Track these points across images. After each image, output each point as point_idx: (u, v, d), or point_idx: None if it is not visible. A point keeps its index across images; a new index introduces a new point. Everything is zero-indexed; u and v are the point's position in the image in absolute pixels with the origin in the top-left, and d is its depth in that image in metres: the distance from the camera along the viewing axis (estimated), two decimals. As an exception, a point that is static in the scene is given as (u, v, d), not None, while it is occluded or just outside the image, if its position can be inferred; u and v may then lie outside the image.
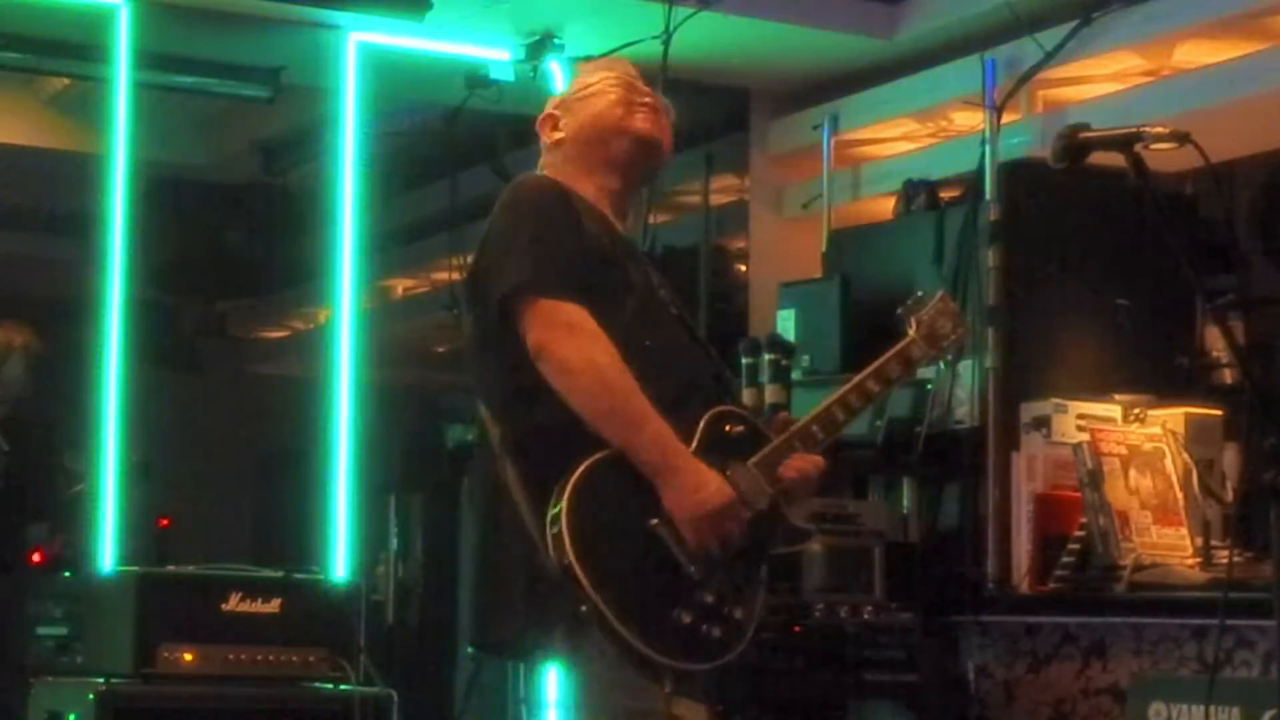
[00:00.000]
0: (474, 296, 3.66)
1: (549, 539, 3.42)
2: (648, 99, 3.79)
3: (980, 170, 6.13)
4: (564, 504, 3.41)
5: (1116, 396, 5.84)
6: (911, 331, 3.82)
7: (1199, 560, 5.38)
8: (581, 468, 3.44)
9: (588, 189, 3.72)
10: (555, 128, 3.82)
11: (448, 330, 7.38)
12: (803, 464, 3.62)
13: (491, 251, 3.61)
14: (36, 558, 6.81)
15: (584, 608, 3.38)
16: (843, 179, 7.03)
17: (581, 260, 3.56)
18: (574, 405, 3.45)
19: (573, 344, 3.46)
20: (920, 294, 3.90)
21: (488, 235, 3.65)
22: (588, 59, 6.46)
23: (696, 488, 3.45)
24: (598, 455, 3.45)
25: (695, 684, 3.53)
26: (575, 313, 3.48)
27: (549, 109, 3.87)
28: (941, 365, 3.94)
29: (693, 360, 3.71)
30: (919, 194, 6.40)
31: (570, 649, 3.51)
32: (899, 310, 3.86)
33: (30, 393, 7.06)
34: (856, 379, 3.73)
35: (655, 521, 3.46)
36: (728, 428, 3.60)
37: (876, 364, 3.76)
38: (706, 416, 3.58)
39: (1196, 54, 6.11)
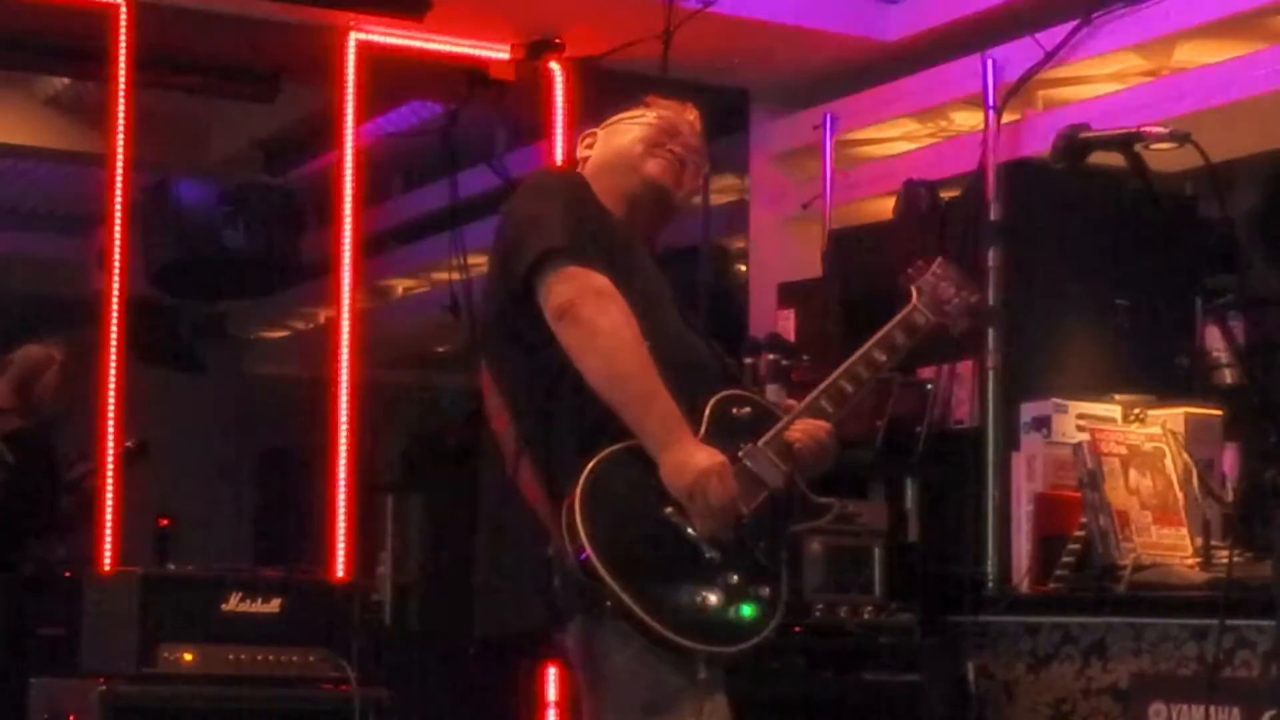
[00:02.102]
0: (496, 280, 3.65)
1: (565, 531, 3.42)
2: (676, 149, 3.79)
3: (980, 170, 6.13)
4: (578, 496, 3.41)
5: (1116, 396, 5.84)
6: (914, 299, 3.82)
7: (1199, 560, 5.37)
8: (595, 460, 3.44)
9: (602, 200, 3.75)
10: (590, 146, 3.88)
11: (448, 330, 7.38)
12: (809, 427, 3.62)
13: (518, 227, 3.60)
14: None
15: (609, 603, 3.38)
16: (843, 179, 7.03)
17: (602, 237, 3.58)
18: (586, 367, 3.44)
19: (600, 307, 3.46)
20: (920, 261, 3.89)
21: (509, 218, 3.65)
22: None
23: (683, 462, 3.45)
24: (612, 448, 3.46)
25: (719, 675, 3.53)
26: (606, 282, 3.49)
27: (600, 126, 3.91)
28: (953, 332, 3.88)
29: (698, 351, 3.72)
30: (919, 194, 6.40)
31: (587, 642, 3.51)
32: (900, 278, 3.85)
33: (60, 408, 7.08)
34: (862, 349, 3.73)
35: (670, 510, 3.46)
36: (735, 410, 3.61)
37: (881, 333, 3.76)
38: (712, 401, 3.58)
39: (1196, 54, 6.11)
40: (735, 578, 3.47)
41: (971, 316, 3.94)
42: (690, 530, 3.45)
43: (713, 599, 3.44)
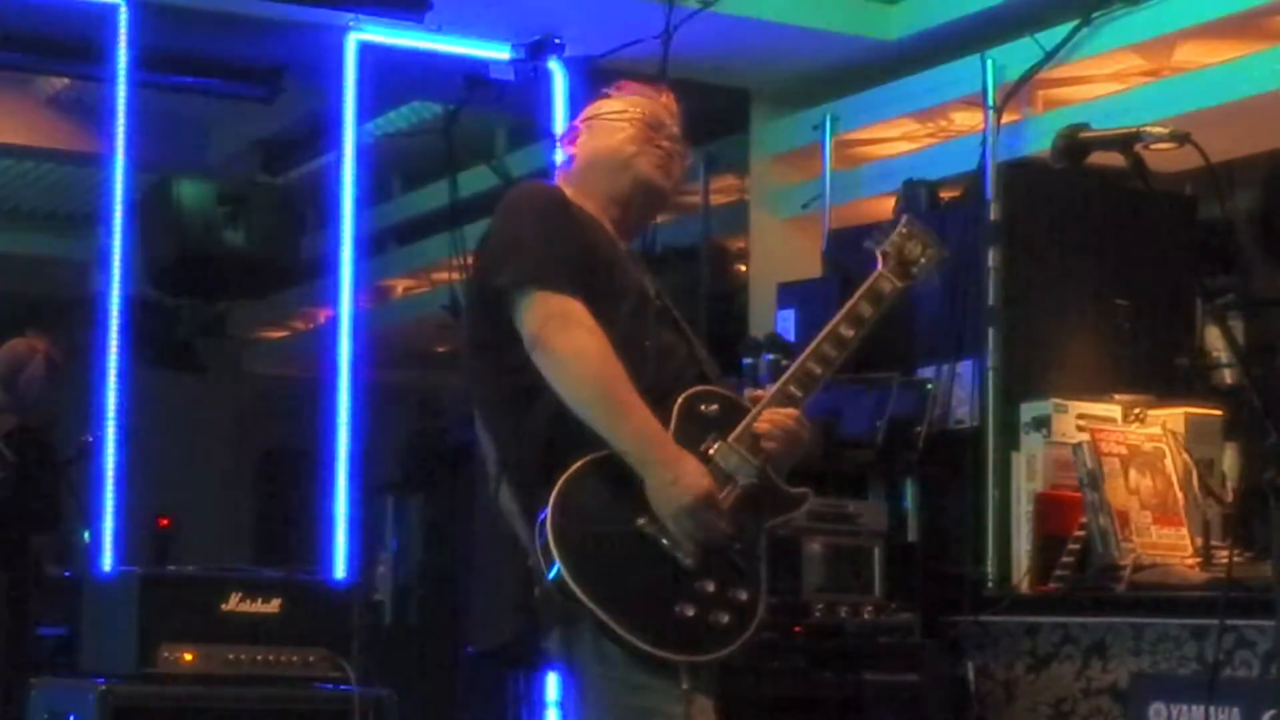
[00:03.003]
0: (473, 299, 3.67)
1: (539, 548, 3.42)
2: (665, 143, 3.79)
3: (980, 170, 6.13)
4: (550, 511, 3.41)
5: (1116, 396, 5.84)
6: (880, 264, 3.76)
7: (1199, 560, 5.38)
8: (565, 474, 3.44)
9: (590, 207, 3.74)
10: (573, 143, 3.85)
11: (448, 330, 7.38)
12: (776, 417, 3.60)
13: (492, 251, 3.63)
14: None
15: (585, 618, 3.37)
16: (843, 179, 7.03)
17: (579, 259, 3.57)
18: (564, 394, 3.47)
19: (568, 334, 3.48)
20: (884, 223, 3.82)
21: (487, 238, 3.68)
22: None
23: (673, 481, 3.45)
24: (579, 461, 3.45)
25: (707, 679, 3.53)
26: (573, 305, 3.50)
27: (577, 120, 3.89)
28: (918, 290, 3.76)
29: (682, 362, 3.71)
30: (919, 194, 6.40)
31: (567, 653, 3.50)
32: (865, 243, 3.79)
33: (48, 400, 7.07)
34: (828, 327, 3.67)
35: (643, 520, 3.45)
36: (703, 407, 3.60)
37: (846, 307, 3.70)
38: (680, 399, 3.57)
39: (1196, 54, 6.11)
40: (711, 585, 3.47)
41: (939, 272, 3.85)
42: (665, 540, 3.45)
43: (690, 608, 3.44)
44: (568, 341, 3.48)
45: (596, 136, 3.82)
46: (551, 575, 3.38)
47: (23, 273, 10.03)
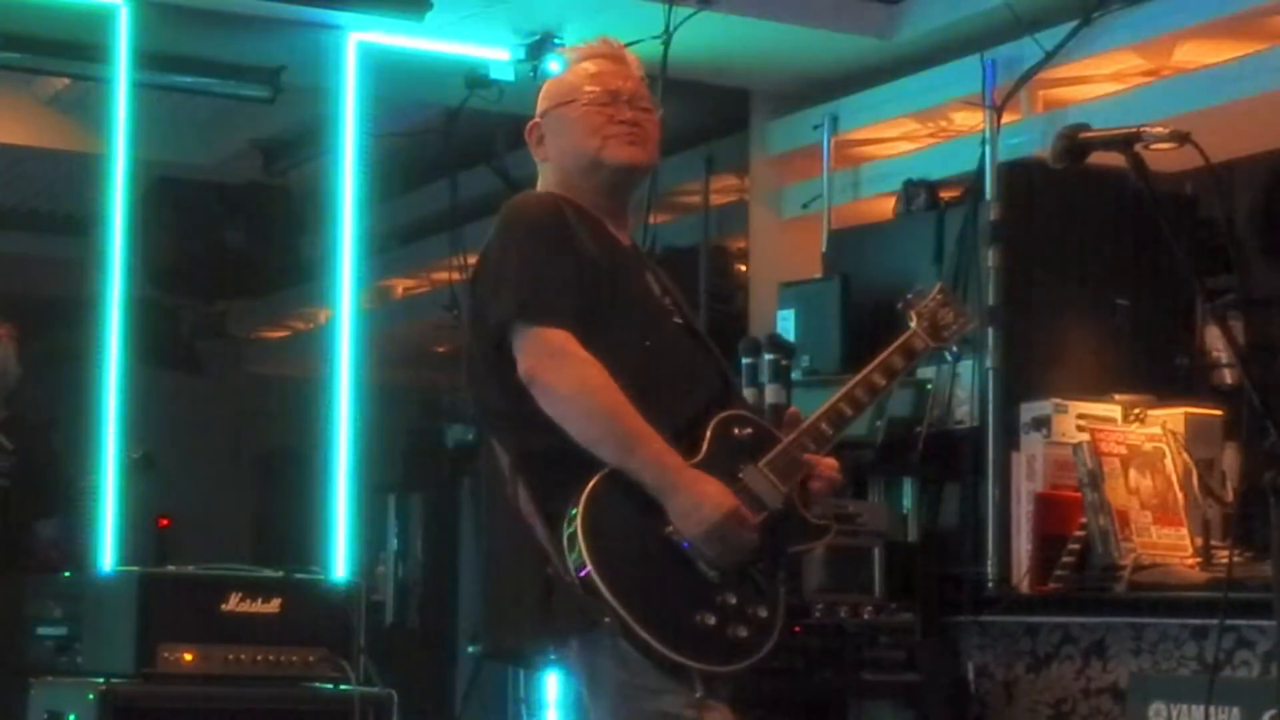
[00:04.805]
0: (473, 316, 3.64)
1: (565, 551, 3.41)
2: (628, 113, 3.70)
3: (980, 170, 6.13)
4: (579, 515, 3.40)
5: (1116, 396, 5.85)
6: (913, 324, 3.82)
7: (1199, 560, 5.38)
8: (594, 479, 3.42)
9: (582, 202, 3.70)
10: (540, 142, 3.78)
11: (448, 330, 7.38)
12: (828, 472, 3.63)
13: (487, 277, 3.60)
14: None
15: (608, 619, 3.37)
16: (843, 179, 7.04)
17: (576, 281, 3.53)
18: (568, 431, 3.44)
19: (561, 371, 3.45)
20: (919, 287, 3.91)
21: (484, 257, 3.63)
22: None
23: (696, 505, 3.43)
24: (609, 467, 3.45)
25: (722, 687, 3.52)
26: (563, 339, 3.47)
27: (537, 115, 3.82)
28: (948, 356, 3.95)
29: (698, 367, 3.69)
30: (919, 194, 6.40)
31: (586, 659, 3.49)
32: (899, 304, 3.87)
33: (22, 382, 7.05)
34: (862, 374, 3.72)
35: (671, 529, 3.45)
36: (736, 431, 3.59)
37: (880, 358, 3.75)
38: (713, 422, 3.56)
39: (1196, 54, 6.11)
40: (733, 598, 3.46)
41: (965, 340, 3.96)
42: (691, 550, 3.45)
43: (710, 618, 3.43)
44: (563, 379, 3.44)
45: (559, 134, 3.74)
46: (578, 573, 3.38)
47: (23, 273, 10.03)
